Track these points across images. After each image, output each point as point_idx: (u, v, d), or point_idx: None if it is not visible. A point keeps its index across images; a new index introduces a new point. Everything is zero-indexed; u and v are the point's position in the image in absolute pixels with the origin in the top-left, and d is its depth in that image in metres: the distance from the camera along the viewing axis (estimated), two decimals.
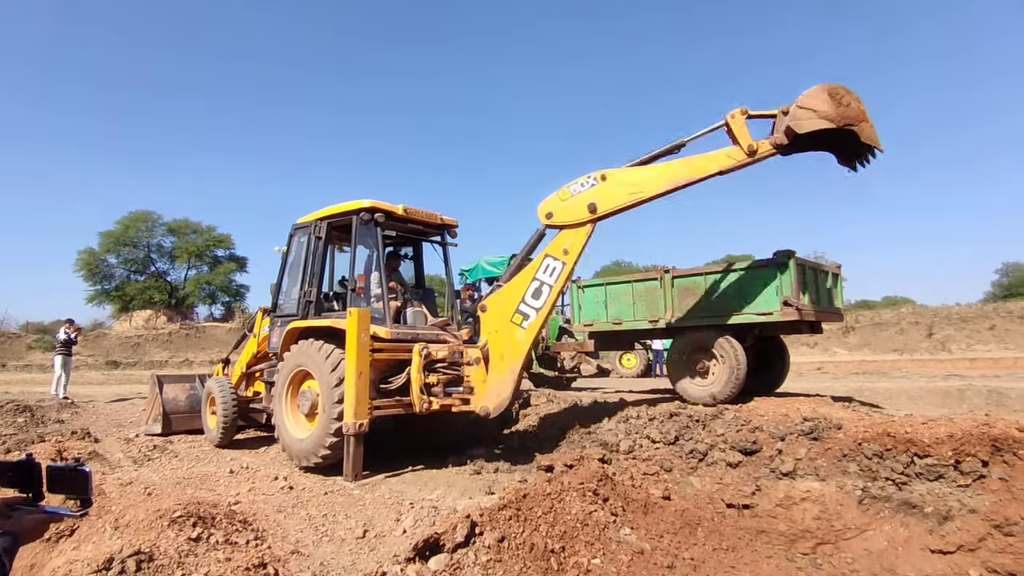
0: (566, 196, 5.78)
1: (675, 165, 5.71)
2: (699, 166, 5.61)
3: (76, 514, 1.87)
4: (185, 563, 3.50)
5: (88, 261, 33.65)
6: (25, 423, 9.32)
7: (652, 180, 5.69)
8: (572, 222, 5.79)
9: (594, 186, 5.73)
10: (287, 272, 7.66)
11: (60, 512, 1.83)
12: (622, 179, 5.73)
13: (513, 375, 5.79)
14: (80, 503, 1.87)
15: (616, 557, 3.85)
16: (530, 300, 5.75)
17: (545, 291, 5.74)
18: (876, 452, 5.82)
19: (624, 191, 5.71)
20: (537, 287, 5.76)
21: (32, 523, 1.79)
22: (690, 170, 5.61)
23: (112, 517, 4.08)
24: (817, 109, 5.27)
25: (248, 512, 4.74)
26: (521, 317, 5.75)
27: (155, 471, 6.47)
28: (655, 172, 5.72)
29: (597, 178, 5.74)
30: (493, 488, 5.35)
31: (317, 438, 6.03)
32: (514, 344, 5.81)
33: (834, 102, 5.26)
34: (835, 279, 9.04)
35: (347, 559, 4.03)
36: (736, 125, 5.52)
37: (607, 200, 5.73)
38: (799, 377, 14.42)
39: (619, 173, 5.78)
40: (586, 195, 5.74)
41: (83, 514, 1.90)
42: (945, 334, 27.29)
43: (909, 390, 11.08)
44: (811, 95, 5.33)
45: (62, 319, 16.19)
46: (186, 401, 8.93)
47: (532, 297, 5.75)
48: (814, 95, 5.32)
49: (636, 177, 5.72)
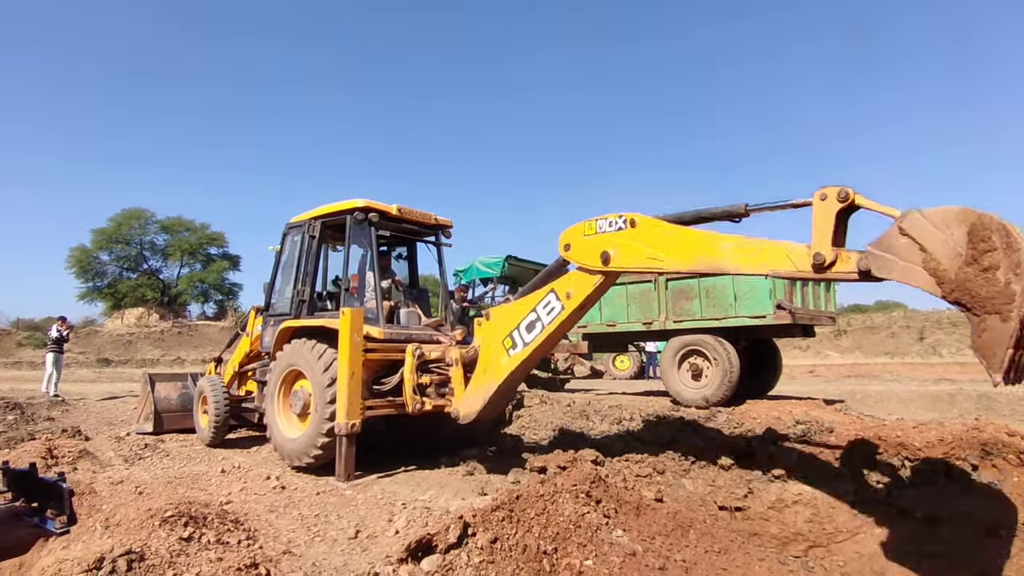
0: (590, 231, 4.75)
1: (715, 243, 4.10)
2: (742, 259, 3.91)
3: (58, 531, 1.87)
4: (176, 563, 3.48)
5: (80, 258, 33.48)
6: (15, 421, 9.26)
7: (681, 252, 4.28)
8: (584, 264, 4.82)
9: (619, 231, 4.57)
10: (280, 271, 7.63)
11: (48, 528, 1.83)
12: (650, 235, 4.44)
13: (487, 394, 5.53)
14: (66, 519, 1.88)
15: (608, 559, 3.86)
16: (523, 330, 5.23)
17: (538, 328, 5.14)
18: (867, 455, 5.86)
19: (644, 253, 4.47)
20: (533, 320, 5.17)
21: (15, 538, 1.79)
22: (729, 258, 4.00)
23: (103, 516, 4.06)
24: (927, 249, 3.00)
25: (240, 512, 4.72)
26: (511, 343, 5.30)
27: (146, 470, 6.44)
28: (689, 243, 4.24)
29: (627, 221, 4.55)
30: (486, 489, 5.35)
31: (309, 438, 6.01)
32: (497, 366, 5.44)
33: (965, 249, 2.88)
34: (828, 283, 9.09)
35: (339, 559, 4.02)
36: (822, 214, 3.43)
37: (624, 255, 4.56)
38: (791, 380, 14.48)
39: (652, 226, 4.43)
40: (606, 238, 4.64)
41: (64, 531, 1.90)
42: (936, 338, 27.49)
43: (900, 393, 11.15)
44: (930, 221, 3.00)
45: (53, 316, 16.13)
46: (178, 400, 8.89)
47: (526, 329, 5.22)
48: (934, 222, 2.99)
49: (667, 239, 4.34)
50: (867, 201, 3.34)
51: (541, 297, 5.11)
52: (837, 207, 3.30)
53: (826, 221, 3.38)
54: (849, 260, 3.36)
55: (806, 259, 3.48)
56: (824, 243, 3.39)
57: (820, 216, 3.41)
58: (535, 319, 5.12)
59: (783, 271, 3.69)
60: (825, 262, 3.37)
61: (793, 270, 3.63)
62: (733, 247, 3.93)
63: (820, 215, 3.41)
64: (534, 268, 16.05)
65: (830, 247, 3.36)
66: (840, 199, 3.28)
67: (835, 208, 3.31)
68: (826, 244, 3.37)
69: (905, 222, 3.06)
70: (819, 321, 8.82)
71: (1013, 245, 2.73)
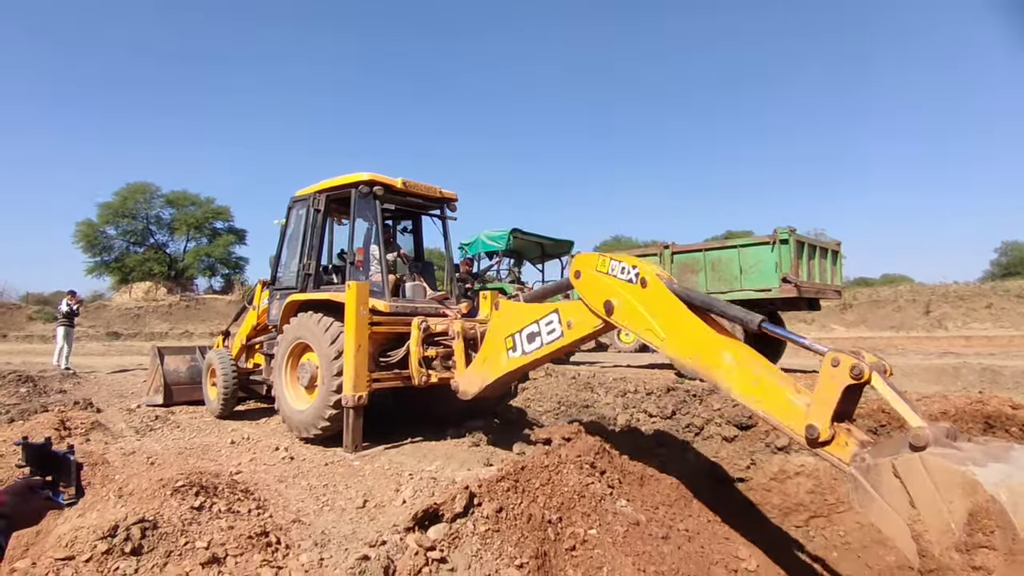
0: (602, 268, 4.24)
1: (717, 350, 3.53)
2: (736, 381, 3.40)
3: (65, 504, 1.93)
4: (189, 531, 3.56)
5: (87, 233, 33.59)
6: (28, 393, 9.39)
7: (681, 339, 3.74)
8: (587, 303, 4.38)
9: (628, 283, 4.04)
10: (286, 245, 7.65)
11: (57, 501, 1.89)
12: (657, 304, 3.86)
13: (483, 383, 5.43)
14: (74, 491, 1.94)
15: (612, 528, 3.93)
16: (525, 338, 4.98)
17: (538, 342, 4.87)
18: (870, 428, 5.89)
19: (645, 321, 3.92)
20: (535, 332, 4.89)
21: (30, 510, 1.85)
22: (723, 373, 3.47)
23: (116, 486, 4.14)
24: (917, 507, 2.43)
25: (250, 482, 4.81)
26: (511, 344, 5.08)
27: (157, 441, 6.54)
28: (692, 335, 3.67)
29: (638, 276, 3.97)
30: (491, 460, 5.42)
31: (317, 410, 6.08)
32: (496, 362, 5.27)
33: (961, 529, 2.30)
34: (835, 256, 9.06)
35: (348, 528, 4.10)
36: (828, 383, 2.82)
37: (625, 313, 4.07)
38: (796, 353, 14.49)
39: (661, 296, 3.83)
40: (614, 285, 4.14)
41: (71, 503, 1.96)
42: (942, 312, 27.40)
43: (904, 367, 11.16)
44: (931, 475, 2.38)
45: (63, 291, 16.26)
46: (187, 372, 8.99)
47: (527, 338, 4.95)
48: (935, 479, 2.37)
49: (672, 317, 3.78)
50: (883, 387, 2.68)
51: (546, 313, 4.83)
52: (847, 382, 2.73)
53: (831, 391, 2.79)
54: (846, 448, 2.77)
55: (800, 421, 2.93)
56: (823, 416, 2.81)
57: (826, 384, 2.81)
58: (537, 332, 4.89)
59: (773, 419, 3.14)
60: (818, 438, 2.82)
61: (782, 424, 3.08)
62: (733, 364, 3.42)
63: (826, 384, 2.81)
64: (539, 241, 16.01)
65: (828, 424, 2.79)
66: (853, 376, 2.69)
67: (844, 383, 2.74)
68: (825, 418, 2.80)
69: (900, 464, 2.47)
70: (825, 295, 8.81)
71: (1017, 554, 2.14)
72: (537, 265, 17.48)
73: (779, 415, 3.10)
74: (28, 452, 1.95)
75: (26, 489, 1.91)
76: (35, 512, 1.89)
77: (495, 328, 5.31)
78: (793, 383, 3.17)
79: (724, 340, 3.52)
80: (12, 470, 4.94)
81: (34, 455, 1.94)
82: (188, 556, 3.34)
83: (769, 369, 3.28)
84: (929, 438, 2.40)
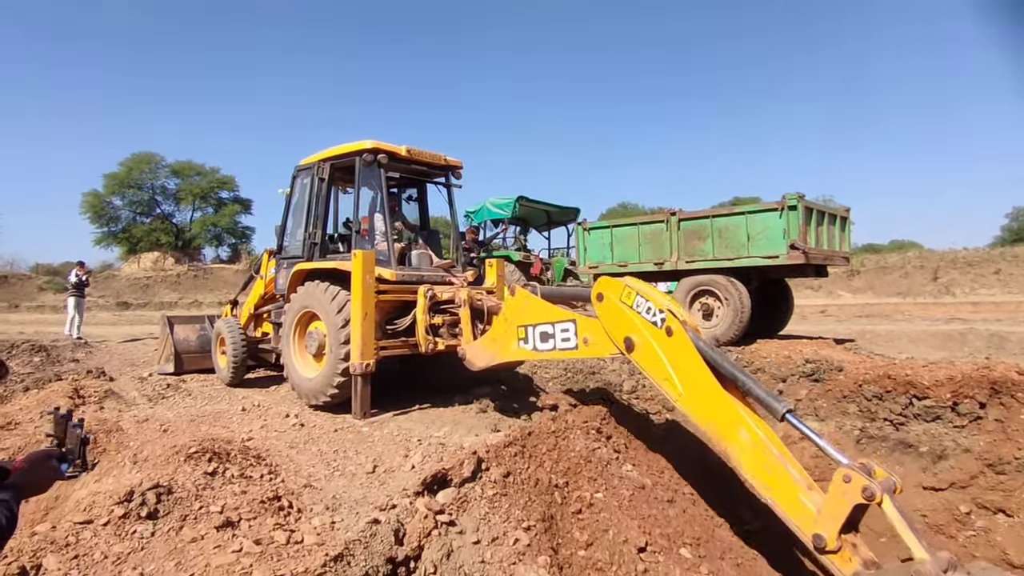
0: (628, 300, 4.02)
1: (734, 424, 3.42)
2: (748, 461, 3.34)
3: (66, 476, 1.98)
4: (203, 496, 3.64)
5: (93, 203, 33.55)
6: (41, 362, 9.53)
7: (698, 401, 3.62)
8: (608, 331, 4.18)
9: (653, 326, 3.83)
10: (291, 214, 7.63)
11: (62, 471, 1.94)
12: (680, 357, 3.69)
13: (491, 361, 5.44)
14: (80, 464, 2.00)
15: (618, 492, 3.99)
16: (537, 335, 4.86)
17: (550, 344, 4.74)
18: (876, 394, 5.92)
19: (664, 371, 3.76)
20: (548, 333, 4.77)
21: (37, 479, 1.91)
22: (737, 449, 3.40)
23: (131, 452, 4.23)
24: None
25: (261, 448, 4.90)
26: (523, 335, 4.97)
27: (169, 409, 6.65)
28: (711, 401, 3.55)
29: (664, 323, 3.77)
30: (499, 426, 5.49)
31: (325, 377, 6.15)
32: (505, 346, 5.21)
33: None
34: (843, 223, 8.97)
35: (358, 492, 4.17)
36: (838, 498, 2.80)
37: (645, 356, 3.90)
38: (802, 320, 14.49)
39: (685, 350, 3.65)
40: (637, 323, 3.93)
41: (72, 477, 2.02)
42: (950, 278, 27.22)
43: (911, 333, 11.16)
44: None
45: (72, 261, 16.35)
46: (196, 341, 9.08)
47: (540, 336, 4.83)
48: None
49: (694, 376, 3.61)
50: (892, 512, 2.63)
51: (563, 319, 4.67)
52: (857, 501, 2.70)
53: (841, 507, 2.77)
54: (849, 564, 2.78)
55: (808, 526, 2.91)
56: (831, 529, 2.80)
57: (836, 500, 2.79)
58: (551, 333, 4.76)
59: (780, 511, 3.11)
60: (825, 547, 2.82)
61: (791, 520, 3.05)
62: (748, 444, 3.33)
63: (837, 499, 2.79)
64: (545, 208, 15.91)
65: (836, 536, 2.79)
66: (864, 497, 2.66)
67: (855, 501, 2.71)
68: (833, 531, 2.79)
69: None
70: (832, 261, 8.75)
71: None
72: (543, 232, 17.42)
73: (789, 512, 3.08)
74: (57, 422, 2.02)
75: (44, 458, 1.96)
76: (43, 480, 1.94)
77: (508, 313, 5.28)
78: (807, 479, 3.12)
79: (742, 417, 3.41)
80: (28, 437, 5.05)
81: (59, 426, 2.00)
82: (203, 520, 3.42)
83: (784, 458, 3.22)
84: (931, 572, 2.43)
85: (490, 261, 7.22)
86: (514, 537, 3.32)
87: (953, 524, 4.87)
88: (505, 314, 5.32)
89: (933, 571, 2.43)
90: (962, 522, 4.84)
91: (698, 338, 3.65)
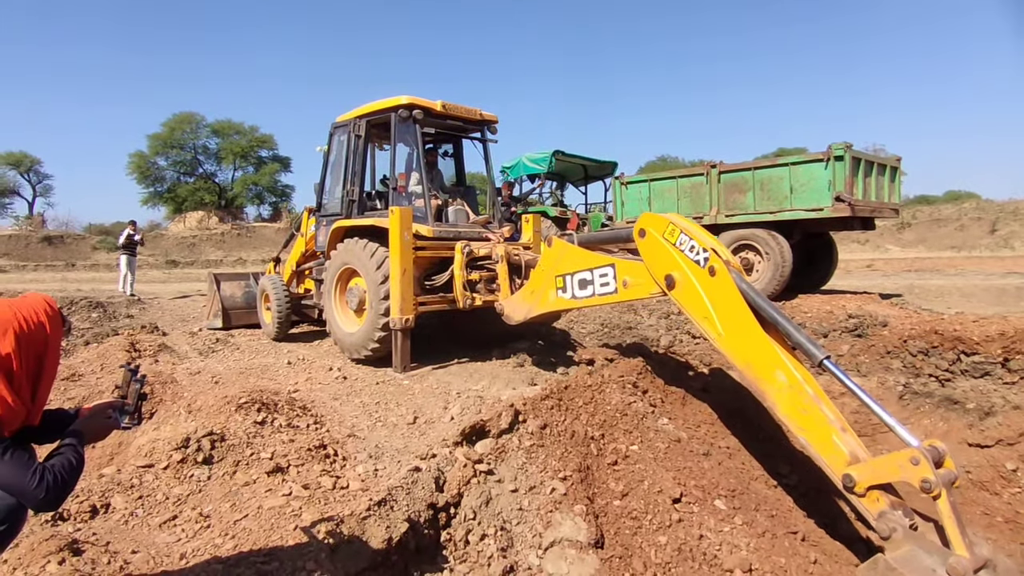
0: (671, 237, 3.96)
1: (772, 364, 3.45)
2: (784, 402, 3.38)
3: (123, 427, 2.13)
4: (253, 443, 3.82)
5: (139, 164, 34.40)
6: (99, 318, 9.99)
7: (738, 341, 3.63)
8: (649, 267, 4.17)
9: (695, 263, 3.81)
10: (329, 171, 7.71)
11: (119, 422, 2.09)
12: (721, 296, 3.68)
13: (529, 313, 5.49)
14: (135, 418, 2.14)
15: (653, 444, 4.03)
16: (576, 282, 4.88)
17: (589, 291, 4.76)
18: (921, 349, 5.78)
19: (704, 309, 3.77)
20: (586, 279, 4.77)
21: (97, 427, 2.05)
22: (774, 390, 3.44)
23: (185, 403, 4.44)
24: None
25: (307, 399, 5.08)
26: (562, 284, 5.00)
27: (219, 362, 6.92)
28: (750, 341, 3.55)
29: (707, 263, 3.74)
30: (536, 380, 5.56)
31: (366, 332, 6.30)
32: (544, 296, 5.25)
33: None
34: (893, 173, 8.62)
35: (400, 442, 4.32)
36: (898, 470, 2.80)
37: (686, 294, 3.90)
38: (847, 275, 14.10)
39: (727, 290, 3.64)
40: (680, 260, 3.90)
41: (127, 428, 2.16)
42: (1010, 230, 25.97)
43: (963, 288, 10.74)
44: None
45: (123, 221, 16.88)
46: (242, 297, 9.36)
47: (579, 284, 4.85)
48: None
49: (735, 316, 3.62)
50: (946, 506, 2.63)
51: (601, 264, 4.68)
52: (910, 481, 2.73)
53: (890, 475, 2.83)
54: (877, 504, 2.86)
55: (840, 466, 3.01)
56: (867, 478, 2.89)
57: (890, 467, 2.82)
58: (589, 280, 4.77)
59: (813, 451, 3.21)
60: (853, 488, 2.92)
61: (822, 459, 3.15)
62: (785, 385, 3.36)
63: (891, 467, 2.82)
64: (582, 163, 15.68)
65: (867, 486, 2.89)
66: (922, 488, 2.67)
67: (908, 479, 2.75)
68: (868, 480, 2.88)
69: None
70: (881, 214, 8.44)
71: None
72: (580, 187, 17.21)
73: (821, 451, 3.15)
74: (124, 377, 2.15)
75: (105, 408, 2.10)
76: (102, 428, 2.09)
77: (545, 263, 5.31)
78: (842, 420, 3.16)
79: (780, 359, 3.42)
80: (91, 387, 5.34)
81: (126, 380, 2.14)
82: (254, 465, 3.60)
83: (820, 399, 3.23)
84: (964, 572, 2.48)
85: (526, 216, 7.19)
86: (551, 487, 3.41)
87: (998, 481, 4.78)
88: (542, 265, 5.35)
89: (964, 570, 2.48)
90: (1008, 479, 4.75)
91: (741, 279, 3.66)
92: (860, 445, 3.10)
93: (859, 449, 3.06)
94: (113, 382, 5.28)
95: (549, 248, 5.30)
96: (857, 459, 2.98)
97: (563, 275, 5.00)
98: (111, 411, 2.08)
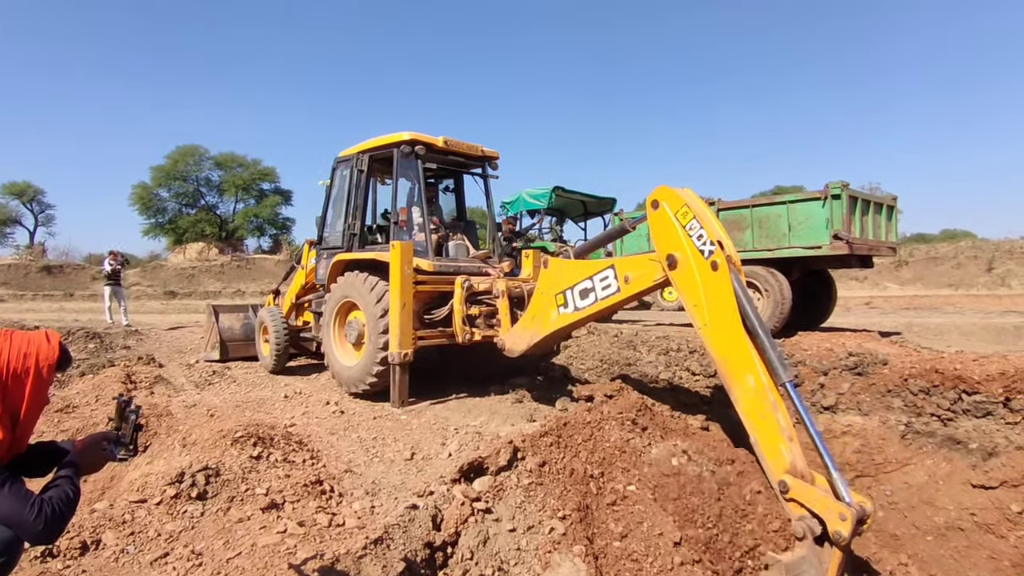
0: (683, 220, 4.02)
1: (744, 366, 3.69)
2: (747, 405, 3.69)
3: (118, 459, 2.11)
4: (248, 478, 3.77)
5: (142, 195, 34.68)
6: (96, 348, 9.94)
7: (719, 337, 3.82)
8: (655, 239, 4.26)
9: (699, 253, 3.91)
10: (331, 205, 7.78)
11: (114, 454, 2.07)
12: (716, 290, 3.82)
13: (532, 339, 5.49)
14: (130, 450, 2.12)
15: (652, 483, 3.97)
16: (577, 294, 4.96)
17: (591, 298, 4.85)
18: (922, 388, 5.74)
19: (696, 297, 3.94)
20: (588, 288, 4.85)
21: (93, 459, 2.03)
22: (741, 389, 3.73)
23: (180, 436, 4.39)
24: None
25: (303, 434, 5.03)
26: (563, 300, 5.07)
27: (216, 394, 6.87)
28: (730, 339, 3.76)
29: (711, 256, 3.86)
30: (535, 416, 5.51)
31: (364, 366, 6.27)
32: (545, 318, 5.29)
33: None
34: (890, 211, 8.69)
35: (397, 478, 4.26)
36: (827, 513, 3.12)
37: (683, 279, 4.04)
38: (846, 312, 14.10)
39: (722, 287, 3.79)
40: (685, 243, 3.99)
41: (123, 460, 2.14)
42: (1006, 269, 26.09)
43: (962, 326, 10.74)
44: None
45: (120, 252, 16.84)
46: (241, 329, 9.34)
47: (580, 294, 4.93)
48: None
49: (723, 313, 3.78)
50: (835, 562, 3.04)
51: (600, 269, 4.79)
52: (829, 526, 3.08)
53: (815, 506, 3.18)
54: (800, 510, 3.27)
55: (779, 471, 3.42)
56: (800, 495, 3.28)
57: (821, 504, 3.15)
58: (590, 288, 4.86)
59: (759, 451, 3.61)
60: (787, 492, 3.34)
61: (765, 460, 3.56)
62: (752, 389, 3.65)
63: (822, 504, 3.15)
64: (582, 199, 15.80)
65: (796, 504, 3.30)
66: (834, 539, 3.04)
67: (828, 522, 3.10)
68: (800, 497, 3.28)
69: None
70: (878, 252, 8.48)
71: None
72: (579, 223, 17.31)
73: (767, 454, 3.56)
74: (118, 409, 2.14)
75: (100, 439, 2.08)
76: (97, 460, 2.07)
77: (544, 286, 5.35)
78: (792, 433, 3.49)
79: (753, 364, 3.66)
80: (85, 419, 5.29)
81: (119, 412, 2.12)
82: (249, 501, 3.54)
83: (778, 409, 3.55)
84: None
85: (526, 252, 7.23)
86: (549, 526, 3.35)
87: (1004, 523, 4.70)
88: (540, 288, 5.39)
89: None
90: (1013, 521, 4.67)
91: (738, 281, 3.82)
92: (801, 456, 3.42)
93: (799, 460, 3.39)
94: (107, 414, 5.23)
95: (546, 269, 5.38)
96: (796, 468, 3.35)
97: (563, 291, 5.10)
98: (106, 443, 2.06)
